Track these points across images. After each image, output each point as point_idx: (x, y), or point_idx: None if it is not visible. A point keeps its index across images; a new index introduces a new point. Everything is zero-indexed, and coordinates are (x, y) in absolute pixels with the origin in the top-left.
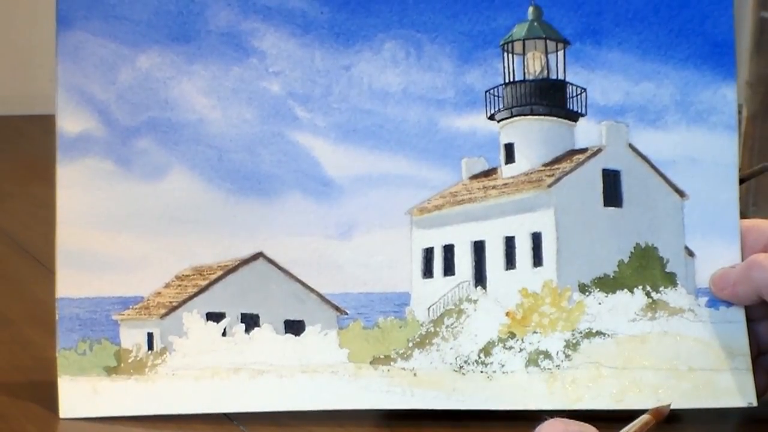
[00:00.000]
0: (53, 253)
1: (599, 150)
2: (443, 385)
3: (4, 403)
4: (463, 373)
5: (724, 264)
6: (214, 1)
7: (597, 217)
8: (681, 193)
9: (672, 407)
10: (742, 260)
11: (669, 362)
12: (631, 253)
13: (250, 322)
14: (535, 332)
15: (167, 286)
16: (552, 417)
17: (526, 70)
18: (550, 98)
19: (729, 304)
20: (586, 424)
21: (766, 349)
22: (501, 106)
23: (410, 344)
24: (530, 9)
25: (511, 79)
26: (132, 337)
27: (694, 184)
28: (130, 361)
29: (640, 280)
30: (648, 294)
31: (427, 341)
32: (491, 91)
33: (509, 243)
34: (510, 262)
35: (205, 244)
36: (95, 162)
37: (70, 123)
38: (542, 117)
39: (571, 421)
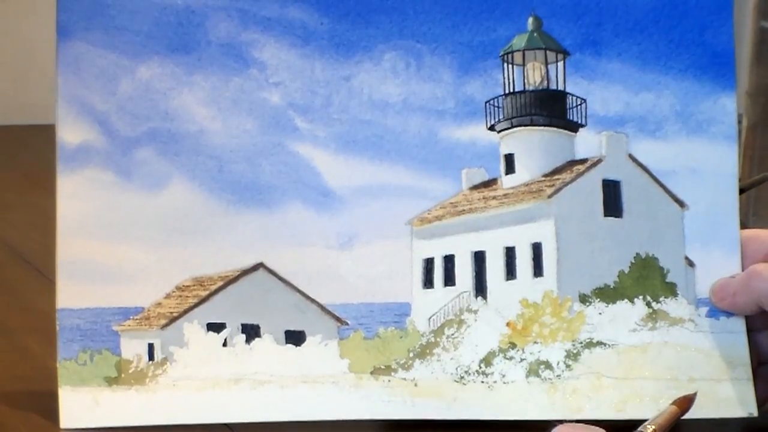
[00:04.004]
0: (53, 263)
1: (599, 160)
2: (444, 396)
3: (4, 413)
4: (464, 384)
5: (725, 274)
6: (214, 13)
7: (597, 228)
8: (681, 204)
9: None
10: (743, 270)
11: (670, 372)
12: (632, 263)
13: (251, 332)
14: (535, 342)
15: (168, 296)
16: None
17: (526, 81)
18: (550, 109)
19: (729, 314)
20: (595, 427)
21: (766, 359)
22: (501, 117)
23: (411, 354)
24: (530, 20)
25: (511, 90)
26: (133, 348)
27: (694, 195)
28: (130, 371)
29: (640, 291)
30: (648, 304)
31: (428, 351)
32: (491, 102)
33: (509, 253)
34: (510, 272)
35: (205, 255)
36: (95, 173)
37: (70, 133)
38: (542, 127)
39: (580, 425)
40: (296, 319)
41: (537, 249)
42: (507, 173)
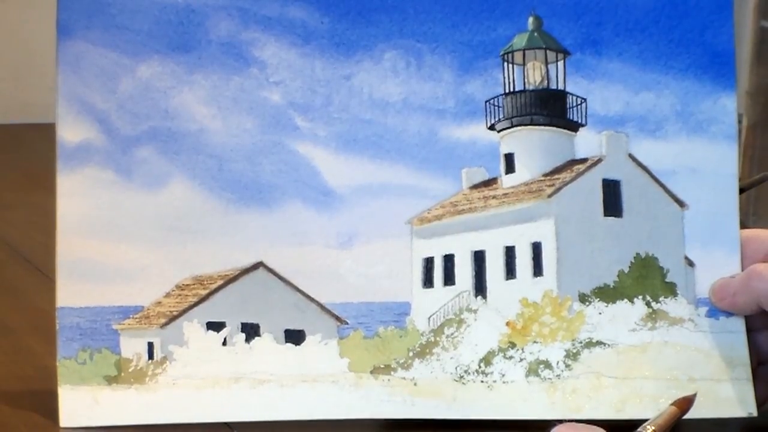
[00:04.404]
0: (54, 262)
1: (599, 160)
2: (443, 395)
3: (4, 412)
4: (464, 383)
5: (724, 274)
6: (215, 12)
7: (597, 227)
8: (681, 203)
9: None
10: (742, 270)
11: (669, 372)
12: (631, 263)
13: (251, 331)
14: (535, 342)
15: (167, 295)
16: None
17: (526, 80)
18: (550, 108)
19: (729, 314)
20: (594, 426)
21: (766, 359)
22: (501, 116)
23: (410, 354)
24: (530, 19)
25: (512, 89)
26: (132, 347)
27: (694, 194)
28: (130, 370)
29: (640, 290)
30: (648, 304)
31: (428, 351)
32: (491, 101)
33: (509, 253)
34: (510, 271)
35: (205, 254)
36: (95, 171)
37: (70, 132)
38: (542, 127)
39: (579, 424)
40: (296, 318)
41: (537, 248)
42: (507, 173)
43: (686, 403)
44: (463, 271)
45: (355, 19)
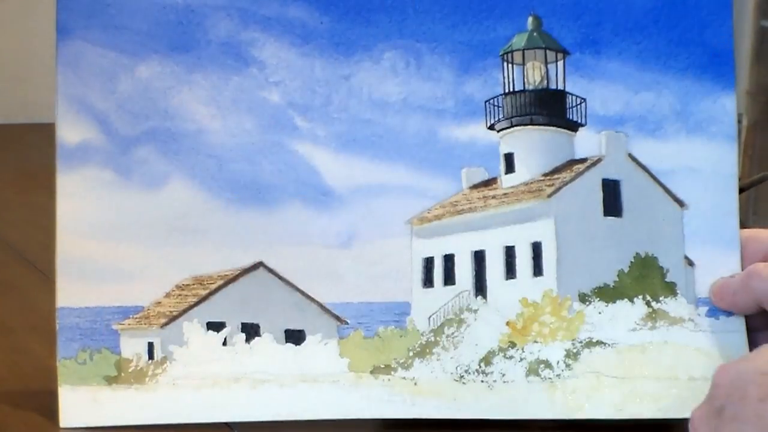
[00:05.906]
0: (53, 262)
1: (599, 160)
2: (444, 395)
3: (4, 412)
4: (464, 383)
5: (724, 273)
6: (214, 12)
7: (597, 227)
8: (681, 203)
9: (672, 417)
10: (742, 270)
11: (669, 372)
12: (631, 262)
13: (251, 331)
14: (535, 342)
15: (167, 295)
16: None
17: (525, 80)
18: (549, 108)
19: (729, 313)
20: None
21: None
22: (501, 116)
23: (411, 353)
24: (530, 19)
25: (511, 89)
26: (132, 347)
27: (693, 194)
28: (130, 370)
29: (640, 290)
30: (648, 303)
31: (428, 350)
32: (491, 101)
33: (509, 252)
34: (510, 271)
35: (205, 254)
36: (95, 171)
37: (70, 132)
38: (542, 127)
39: None
40: (296, 318)
41: (537, 248)
42: (507, 172)
43: None
44: (463, 270)
45: (355, 18)
